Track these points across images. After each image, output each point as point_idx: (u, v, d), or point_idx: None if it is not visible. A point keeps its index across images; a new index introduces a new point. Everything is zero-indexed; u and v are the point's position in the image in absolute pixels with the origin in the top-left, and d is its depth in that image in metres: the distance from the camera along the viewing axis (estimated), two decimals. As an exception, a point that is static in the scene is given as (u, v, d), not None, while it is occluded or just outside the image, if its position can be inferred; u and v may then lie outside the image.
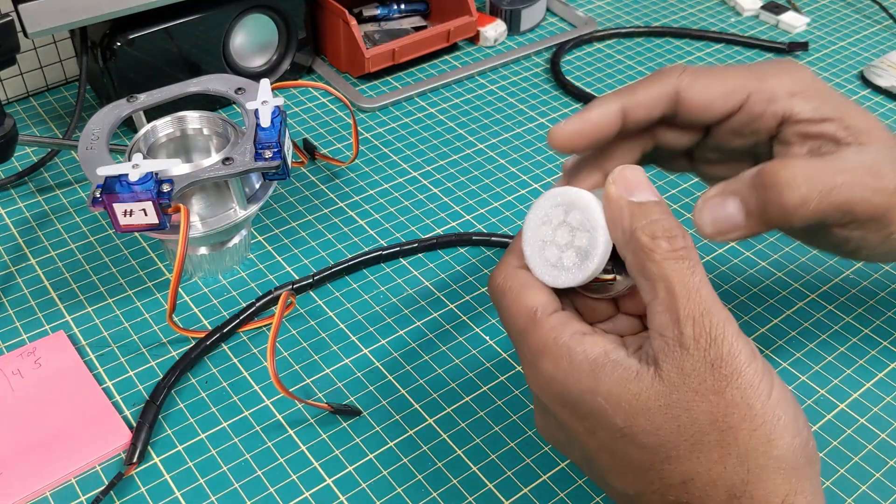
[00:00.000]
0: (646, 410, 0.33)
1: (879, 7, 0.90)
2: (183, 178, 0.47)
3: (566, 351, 0.35)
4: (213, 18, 0.67)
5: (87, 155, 0.49)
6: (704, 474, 0.33)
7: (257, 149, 0.49)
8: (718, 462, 0.33)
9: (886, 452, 0.48)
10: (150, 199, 0.45)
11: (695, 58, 0.82)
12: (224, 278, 0.57)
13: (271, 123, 0.49)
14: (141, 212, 0.45)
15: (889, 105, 0.75)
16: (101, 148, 0.50)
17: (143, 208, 0.45)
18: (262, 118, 0.50)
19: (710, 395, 0.32)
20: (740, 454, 0.32)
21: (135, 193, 0.45)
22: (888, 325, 0.55)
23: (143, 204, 0.45)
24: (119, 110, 0.53)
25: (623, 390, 0.34)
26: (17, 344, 0.52)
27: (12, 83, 0.72)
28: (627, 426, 0.33)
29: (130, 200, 0.45)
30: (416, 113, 0.73)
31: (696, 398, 0.33)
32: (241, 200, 0.51)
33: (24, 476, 0.45)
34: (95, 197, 0.46)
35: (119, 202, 0.45)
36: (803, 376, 0.52)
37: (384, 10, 0.80)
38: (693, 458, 0.33)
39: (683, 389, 0.33)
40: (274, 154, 0.48)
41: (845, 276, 0.59)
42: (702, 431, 0.33)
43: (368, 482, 0.46)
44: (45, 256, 0.59)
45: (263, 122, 0.50)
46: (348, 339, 0.53)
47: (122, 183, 0.45)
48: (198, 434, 0.48)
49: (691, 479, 0.33)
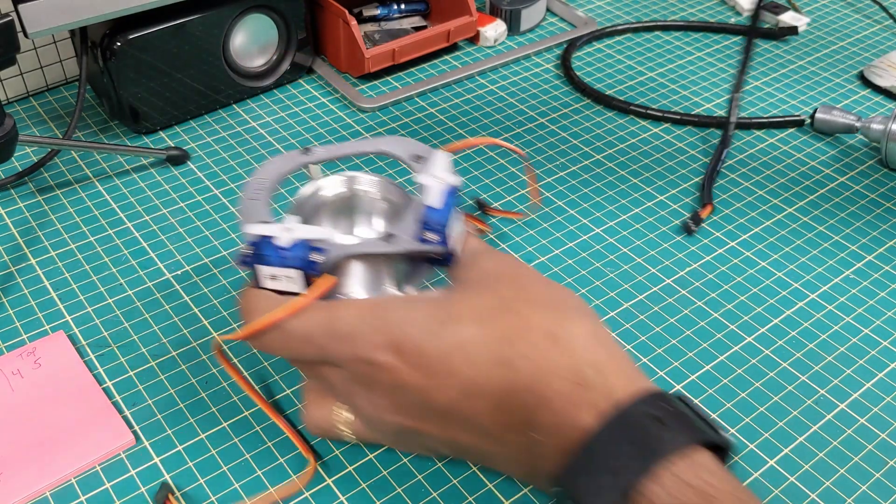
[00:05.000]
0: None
1: (879, 7, 0.90)
2: (337, 248, 0.42)
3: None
4: (213, 18, 0.67)
5: (248, 205, 0.45)
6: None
7: (423, 229, 0.42)
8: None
9: (886, 452, 0.48)
10: (299, 267, 0.41)
11: (704, 53, 0.82)
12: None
13: (444, 204, 0.43)
14: (287, 278, 0.41)
15: (889, 105, 0.75)
16: (264, 199, 0.45)
17: (290, 275, 0.41)
18: (433, 197, 0.43)
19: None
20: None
21: (283, 259, 0.41)
22: (888, 325, 0.55)
23: (289, 271, 0.41)
24: (292, 161, 0.48)
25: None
26: (17, 344, 0.52)
27: (12, 83, 0.72)
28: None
29: (278, 265, 0.41)
30: (416, 113, 0.73)
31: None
32: (398, 280, 0.44)
33: (24, 476, 0.45)
34: (245, 255, 0.42)
35: (265, 264, 0.41)
36: (803, 376, 0.52)
37: (384, 10, 0.80)
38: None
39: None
40: (440, 239, 0.42)
41: (845, 276, 0.59)
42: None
43: (368, 482, 0.46)
44: (45, 256, 0.59)
45: (433, 202, 0.43)
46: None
47: (271, 245, 0.41)
48: (198, 434, 0.48)
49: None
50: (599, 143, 0.70)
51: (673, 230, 0.62)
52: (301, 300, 0.40)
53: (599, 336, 0.38)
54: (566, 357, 0.36)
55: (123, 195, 0.64)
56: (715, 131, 0.72)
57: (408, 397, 0.38)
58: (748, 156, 0.69)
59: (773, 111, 0.75)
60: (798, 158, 0.69)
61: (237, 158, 0.68)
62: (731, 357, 0.53)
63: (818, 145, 0.71)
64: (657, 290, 0.57)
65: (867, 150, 0.70)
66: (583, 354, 0.37)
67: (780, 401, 0.50)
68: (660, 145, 0.70)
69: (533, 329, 0.37)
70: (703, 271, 0.59)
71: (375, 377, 0.38)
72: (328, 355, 0.40)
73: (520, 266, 0.42)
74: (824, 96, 0.77)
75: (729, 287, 0.58)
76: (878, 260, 0.60)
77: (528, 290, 0.39)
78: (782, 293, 0.57)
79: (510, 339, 0.37)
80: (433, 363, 0.37)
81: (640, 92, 0.77)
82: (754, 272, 0.59)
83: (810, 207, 0.64)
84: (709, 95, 0.76)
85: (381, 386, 0.39)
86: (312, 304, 0.40)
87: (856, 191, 0.66)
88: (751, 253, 0.60)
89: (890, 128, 0.66)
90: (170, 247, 0.60)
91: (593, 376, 0.36)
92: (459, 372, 0.37)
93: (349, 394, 0.41)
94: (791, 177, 0.67)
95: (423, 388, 0.37)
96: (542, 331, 0.37)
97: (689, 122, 0.72)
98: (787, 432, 0.49)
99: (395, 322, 0.38)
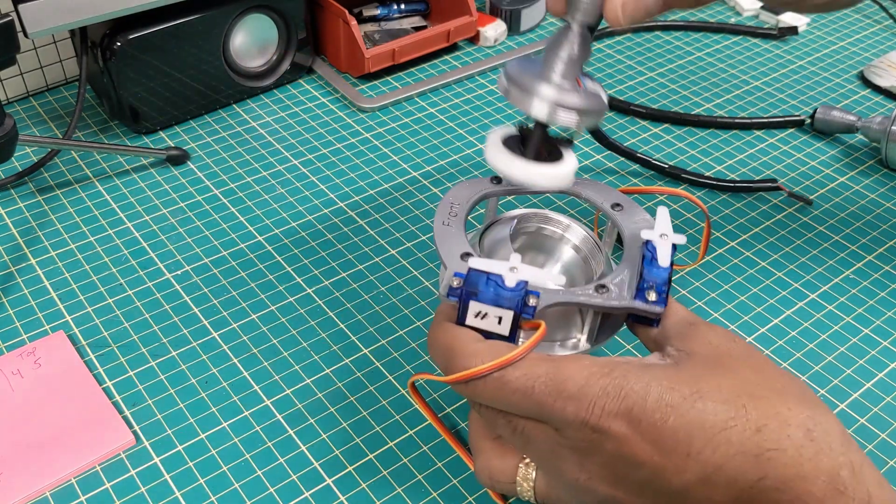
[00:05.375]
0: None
1: (879, 7, 0.90)
2: (552, 294, 0.40)
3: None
4: (213, 18, 0.67)
5: (443, 231, 0.44)
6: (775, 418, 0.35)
7: (640, 287, 0.40)
8: (782, 405, 0.35)
9: (886, 452, 0.48)
10: (514, 309, 0.38)
11: (704, 53, 0.82)
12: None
13: (668, 263, 0.41)
14: (496, 318, 0.39)
15: (889, 105, 0.75)
16: (459, 226, 0.44)
17: (501, 316, 0.39)
18: (660, 256, 0.41)
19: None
20: (795, 396, 0.36)
21: (499, 298, 0.38)
22: (888, 325, 0.55)
23: (503, 312, 0.38)
24: (482, 187, 0.47)
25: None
26: (17, 344, 0.52)
27: (12, 83, 0.72)
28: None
29: (491, 304, 0.38)
30: (416, 113, 0.73)
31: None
32: (591, 333, 0.43)
33: (24, 476, 0.45)
34: (452, 287, 0.39)
35: (477, 300, 0.39)
36: (803, 376, 0.52)
37: (384, 10, 0.80)
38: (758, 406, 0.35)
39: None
40: (659, 299, 0.40)
41: (845, 276, 0.59)
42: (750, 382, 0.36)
43: (368, 482, 0.46)
44: (45, 256, 0.59)
45: (662, 261, 0.41)
46: (348, 339, 0.53)
47: (489, 282, 0.39)
48: (198, 434, 0.48)
49: (765, 424, 0.34)
50: (600, 143, 0.70)
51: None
52: (522, 349, 0.37)
53: (847, 435, 0.35)
54: (824, 457, 0.33)
55: (123, 195, 0.64)
56: (716, 131, 0.72)
57: (633, 471, 0.35)
58: (748, 156, 0.69)
59: (773, 111, 0.75)
60: (798, 158, 0.69)
61: (237, 158, 0.68)
62: (731, 357, 0.53)
63: (818, 145, 0.71)
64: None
65: (867, 150, 0.70)
66: (839, 457, 0.34)
67: (780, 401, 0.50)
68: (660, 145, 0.70)
69: (790, 422, 0.34)
70: (703, 271, 0.59)
71: (599, 445, 0.35)
72: (547, 414, 0.36)
73: (747, 345, 0.38)
74: (824, 96, 0.77)
75: (729, 287, 0.58)
76: (878, 260, 0.60)
77: (767, 374, 0.36)
78: (782, 293, 0.57)
79: (764, 430, 0.34)
80: (672, 439, 0.34)
81: (640, 92, 0.77)
82: (754, 272, 0.59)
83: (810, 207, 0.64)
84: (709, 95, 0.76)
85: (604, 455, 0.35)
86: (532, 354, 0.37)
87: (856, 191, 0.66)
88: (751, 253, 0.60)
89: (890, 128, 0.66)
90: (170, 247, 0.60)
91: (850, 481, 0.33)
92: (701, 454, 0.34)
93: (555, 456, 0.37)
94: (791, 177, 0.67)
95: (657, 464, 0.34)
96: (798, 425, 0.34)
97: (690, 122, 0.72)
98: (787, 432, 0.49)
99: (634, 389, 0.35)
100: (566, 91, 0.40)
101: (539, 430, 0.37)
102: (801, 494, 0.33)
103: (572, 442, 0.36)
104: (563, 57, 0.41)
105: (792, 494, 0.33)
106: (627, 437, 0.35)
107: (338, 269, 0.58)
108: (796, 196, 0.64)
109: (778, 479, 0.33)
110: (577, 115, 0.41)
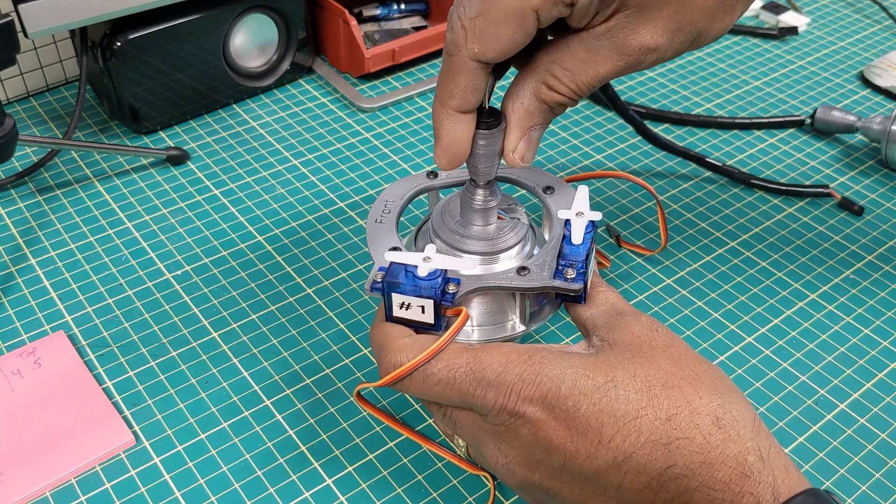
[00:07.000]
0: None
1: (879, 7, 0.90)
2: (471, 280, 0.41)
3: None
4: (213, 18, 0.67)
5: (375, 228, 0.45)
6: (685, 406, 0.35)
7: (559, 265, 0.42)
8: (694, 394, 0.36)
9: (886, 452, 0.48)
10: (433, 298, 0.40)
11: (704, 53, 0.82)
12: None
13: (584, 240, 0.42)
14: (419, 308, 0.40)
15: (889, 105, 0.75)
16: (391, 223, 0.45)
17: (423, 305, 0.40)
18: (573, 233, 0.42)
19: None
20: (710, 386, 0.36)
21: (418, 288, 0.40)
22: (889, 325, 0.55)
23: (423, 301, 0.40)
24: (416, 183, 0.48)
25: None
26: (17, 344, 0.52)
27: (12, 83, 0.72)
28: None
29: (412, 294, 0.40)
30: (416, 113, 0.73)
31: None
32: (524, 315, 0.44)
33: (24, 476, 0.45)
34: (375, 281, 0.41)
35: (399, 293, 0.40)
36: (803, 376, 0.52)
37: (384, 10, 0.80)
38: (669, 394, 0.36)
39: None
40: (577, 276, 0.41)
41: (845, 277, 0.59)
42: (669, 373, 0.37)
43: (368, 482, 0.46)
44: (45, 256, 0.59)
45: (575, 239, 0.42)
46: (348, 339, 0.53)
47: (407, 273, 0.40)
48: (198, 434, 0.48)
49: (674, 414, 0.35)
50: (599, 143, 0.70)
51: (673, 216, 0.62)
52: (441, 342, 0.38)
53: (758, 421, 0.36)
54: (732, 444, 0.34)
55: (123, 195, 0.64)
56: (716, 131, 0.72)
57: (547, 455, 0.36)
58: (748, 156, 0.69)
59: (773, 111, 0.75)
60: (798, 158, 0.69)
61: (237, 158, 0.68)
62: (732, 357, 0.53)
63: (818, 145, 0.71)
64: (656, 290, 0.57)
65: (867, 150, 0.70)
66: (746, 443, 0.35)
67: (780, 401, 0.50)
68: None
69: (699, 410, 0.35)
70: (703, 271, 0.59)
71: (516, 429, 0.37)
72: (469, 401, 0.38)
73: (670, 334, 0.39)
74: (824, 96, 0.77)
75: (729, 287, 0.57)
76: (878, 260, 0.60)
77: (685, 364, 0.37)
78: (782, 293, 0.57)
79: (674, 419, 0.35)
80: (584, 425, 0.35)
81: (640, 92, 0.77)
82: (754, 272, 0.59)
83: (810, 207, 0.64)
84: (709, 95, 0.76)
85: (520, 439, 0.37)
86: (453, 345, 0.39)
87: (856, 191, 0.66)
88: (750, 253, 0.60)
89: (890, 128, 0.66)
90: (170, 247, 0.60)
91: (757, 466, 0.34)
92: (613, 441, 0.35)
93: (477, 440, 0.39)
94: (791, 177, 0.67)
95: (569, 449, 0.36)
96: (708, 413, 0.35)
97: (690, 122, 0.72)
98: (787, 432, 0.49)
99: (549, 376, 0.36)
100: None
101: (465, 416, 0.39)
102: (708, 481, 0.34)
103: (493, 427, 0.37)
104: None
105: (699, 481, 0.34)
106: (542, 422, 0.36)
107: (338, 269, 0.58)
108: (847, 203, 0.64)
109: (686, 467, 0.34)
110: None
